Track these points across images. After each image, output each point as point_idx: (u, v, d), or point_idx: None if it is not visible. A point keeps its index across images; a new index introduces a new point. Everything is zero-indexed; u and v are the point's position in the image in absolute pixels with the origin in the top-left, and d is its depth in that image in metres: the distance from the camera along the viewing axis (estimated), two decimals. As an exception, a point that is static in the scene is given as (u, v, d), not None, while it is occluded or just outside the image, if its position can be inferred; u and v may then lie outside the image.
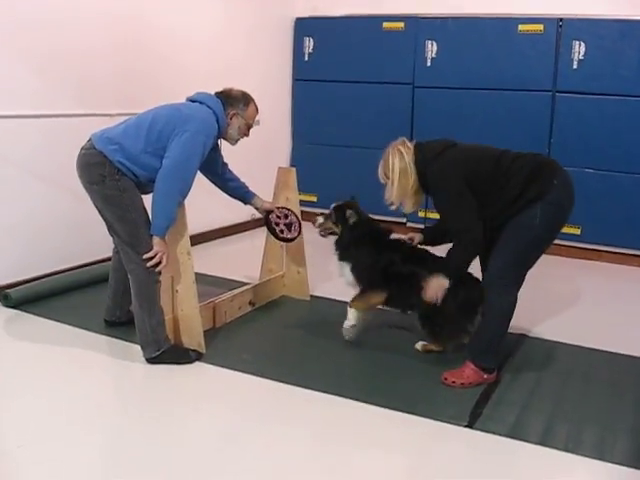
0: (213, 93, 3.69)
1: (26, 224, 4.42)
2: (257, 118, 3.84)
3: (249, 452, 2.77)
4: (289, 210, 4.32)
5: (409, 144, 3.47)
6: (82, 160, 3.48)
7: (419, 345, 3.78)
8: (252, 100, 3.77)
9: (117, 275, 3.87)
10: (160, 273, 3.49)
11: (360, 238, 3.78)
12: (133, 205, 3.45)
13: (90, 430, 2.90)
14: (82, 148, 3.52)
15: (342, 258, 3.82)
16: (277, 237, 4.37)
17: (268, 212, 4.30)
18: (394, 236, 3.88)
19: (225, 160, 4.01)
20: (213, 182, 4.08)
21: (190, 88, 3.79)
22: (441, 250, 3.54)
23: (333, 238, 3.88)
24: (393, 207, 3.54)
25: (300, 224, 4.33)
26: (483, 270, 3.49)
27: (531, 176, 3.26)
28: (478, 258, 3.55)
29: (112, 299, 3.94)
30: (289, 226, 4.32)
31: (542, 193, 3.23)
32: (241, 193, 4.16)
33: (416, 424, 3.03)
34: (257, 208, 4.27)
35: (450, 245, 3.43)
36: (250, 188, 4.18)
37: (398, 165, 3.40)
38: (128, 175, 3.44)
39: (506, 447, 2.88)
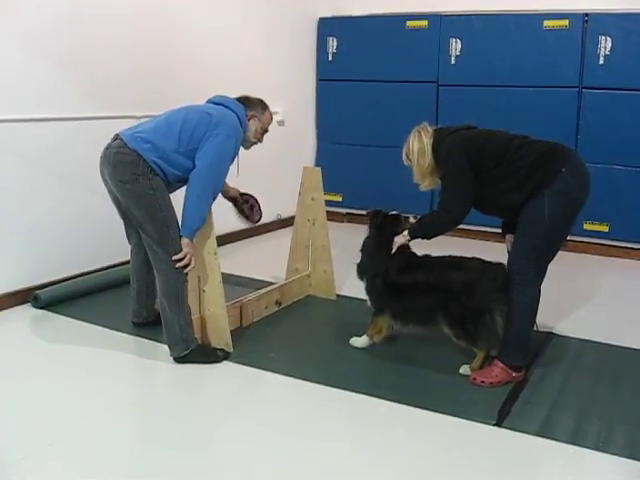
0: (233, 98, 3.73)
1: (54, 226, 4.47)
2: (279, 119, 3.86)
3: (278, 450, 2.78)
4: (249, 195, 4.22)
5: (429, 128, 3.57)
6: (113, 159, 3.47)
7: (465, 369, 3.49)
8: (268, 107, 3.86)
9: (138, 276, 3.91)
10: (187, 273, 3.52)
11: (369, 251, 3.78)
12: (165, 204, 3.48)
13: (118, 429, 2.93)
14: (109, 147, 3.52)
15: (359, 276, 3.83)
16: (247, 218, 4.24)
17: (234, 199, 4.17)
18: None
19: (251, 161, 3.99)
20: None
21: (213, 88, 3.84)
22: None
23: (357, 238, 3.86)
24: (420, 187, 3.63)
25: (260, 208, 4.24)
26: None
27: (540, 161, 3.27)
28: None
29: (137, 301, 3.98)
30: (251, 209, 4.22)
31: (548, 180, 3.23)
32: None
33: (445, 423, 3.03)
34: (222, 194, 4.09)
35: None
36: (271, 188, 4.12)
37: (417, 146, 3.51)
38: (159, 175, 3.47)
39: (535, 446, 2.86)
